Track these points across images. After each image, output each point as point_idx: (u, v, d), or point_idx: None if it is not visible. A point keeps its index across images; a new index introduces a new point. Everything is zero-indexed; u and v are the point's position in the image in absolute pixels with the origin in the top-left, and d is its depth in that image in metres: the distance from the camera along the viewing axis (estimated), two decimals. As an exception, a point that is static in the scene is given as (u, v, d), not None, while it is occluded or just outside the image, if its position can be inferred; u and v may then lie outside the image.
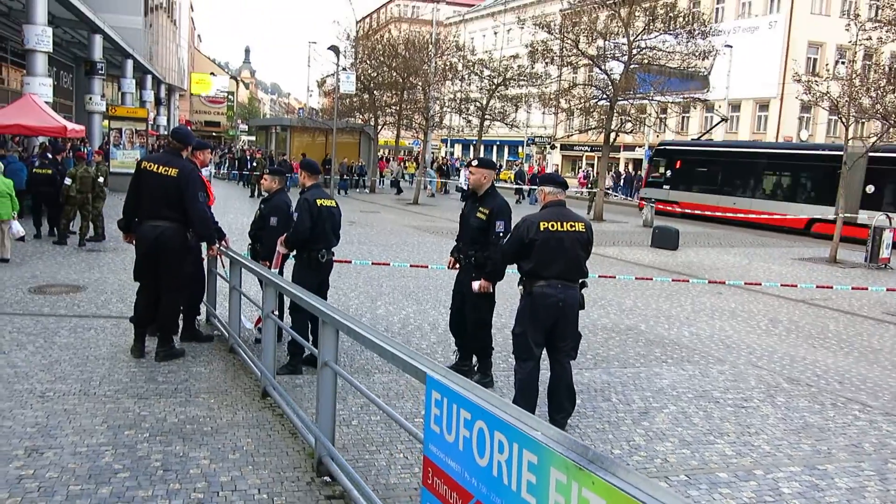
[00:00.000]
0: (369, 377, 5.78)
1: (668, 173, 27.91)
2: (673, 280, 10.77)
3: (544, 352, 4.90)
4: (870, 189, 21.35)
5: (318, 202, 5.81)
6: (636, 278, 10.62)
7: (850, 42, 17.19)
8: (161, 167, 5.77)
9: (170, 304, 5.95)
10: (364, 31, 42.18)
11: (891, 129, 16.25)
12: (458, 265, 5.97)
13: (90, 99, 28.08)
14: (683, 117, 40.22)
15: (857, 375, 6.81)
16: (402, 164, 39.31)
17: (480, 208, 5.57)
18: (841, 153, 20.04)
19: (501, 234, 5.39)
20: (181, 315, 6.35)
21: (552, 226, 4.71)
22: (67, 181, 11.87)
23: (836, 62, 31.28)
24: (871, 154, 18.48)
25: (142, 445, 4.16)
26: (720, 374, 6.48)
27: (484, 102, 30.53)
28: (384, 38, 34.69)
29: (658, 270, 12.86)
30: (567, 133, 38.64)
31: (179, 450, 4.14)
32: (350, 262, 10.68)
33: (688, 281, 10.83)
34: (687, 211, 24.95)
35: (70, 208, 11.99)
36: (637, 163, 44.14)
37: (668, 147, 29.32)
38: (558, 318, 4.73)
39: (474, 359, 5.98)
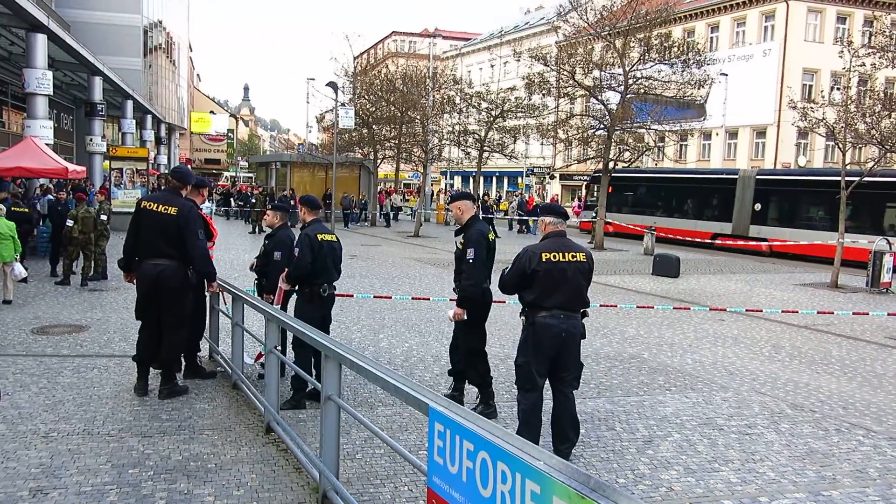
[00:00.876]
0: (373, 410, 5.78)
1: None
2: (675, 308, 10.78)
3: (547, 382, 4.91)
4: (757, 207, 24.94)
5: (319, 237, 5.87)
6: (638, 307, 10.63)
7: (844, 68, 17.44)
8: (161, 206, 5.85)
9: (172, 342, 5.97)
10: (362, 67, 42.86)
11: (888, 154, 16.41)
12: None
13: (91, 140, 28.43)
14: (681, 145, 40.58)
15: (860, 400, 6.79)
16: (403, 197, 39.57)
17: (459, 239, 5.77)
18: (735, 176, 26.20)
19: (472, 262, 5.54)
20: (183, 353, 6.38)
21: (554, 256, 4.76)
22: (70, 223, 11.99)
23: (832, 88, 31.66)
24: (757, 177, 24.89)
25: (146, 484, 4.16)
26: (724, 401, 6.47)
27: (482, 134, 30.87)
28: (382, 73, 35.27)
29: (660, 298, 12.87)
30: (566, 163, 39.00)
31: (184, 487, 4.13)
32: (352, 295, 10.72)
33: (689, 308, 10.84)
34: (618, 231, 28.69)
35: (73, 249, 12.09)
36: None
37: (599, 175, 30.56)
38: (561, 348, 4.76)
39: (467, 383, 6.01)
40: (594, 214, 27.17)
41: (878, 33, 16.93)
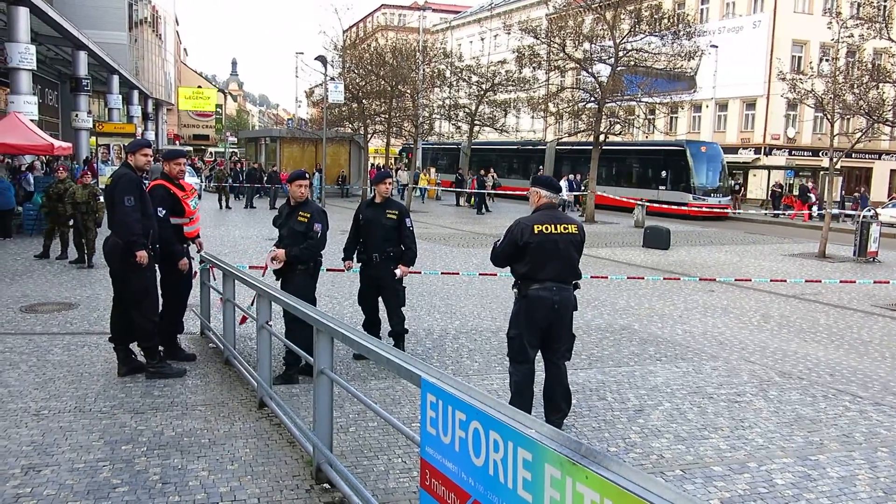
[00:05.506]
0: (366, 384, 5.81)
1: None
2: (664, 279, 10.84)
3: (539, 354, 4.94)
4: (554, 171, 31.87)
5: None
6: (628, 278, 10.68)
7: (832, 40, 17.37)
8: (110, 179, 5.80)
9: (136, 320, 5.73)
10: (351, 41, 42.23)
11: (875, 125, 16.43)
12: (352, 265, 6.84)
13: (76, 116, 28.02)
14: (672, 118, 40.46)
15: (847, 367, 6.88)
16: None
17: (389, 211, 6.56)
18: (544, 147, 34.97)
19: (412, 229, 6.64)
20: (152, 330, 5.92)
21: (546, 228, 4.74)
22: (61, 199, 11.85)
23: (821, 60, 31.58)
24: (556, 147, 34.00)
25: (140, 460, 4.17)
26: (713, 370, 6.54)
27: (473, 108, 30.63)
28: (371, 46, 34.78)
29: (650, 270, 12.93)
30: (557, 136, 38.89)
31: (178, 462, 4.15)
32: (344, 270, 10.69)
33: (679, 279, 10.90)
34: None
35: (55, 226, 11.99)
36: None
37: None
38: (553, 320, 4.77)
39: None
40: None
41: (865, 4, 16.82)
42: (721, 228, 23.06)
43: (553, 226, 4.77)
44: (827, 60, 24.55)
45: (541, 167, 34.85)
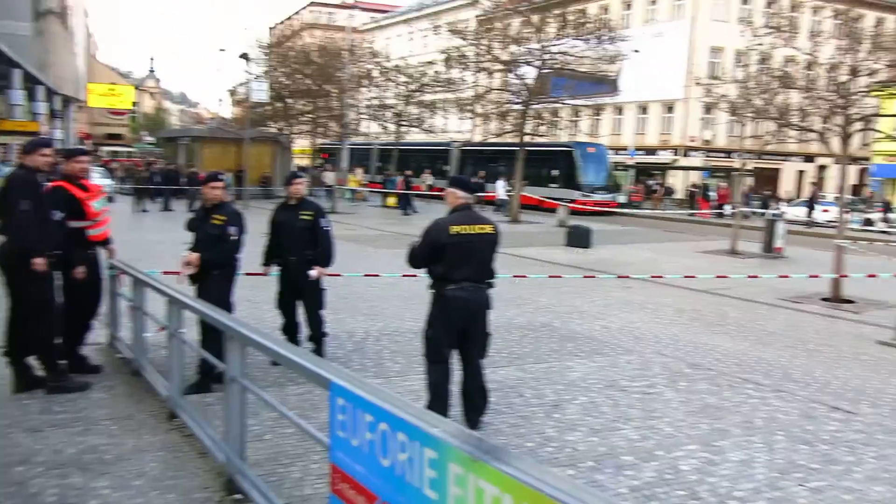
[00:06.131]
0: (283, 390, 5.69)
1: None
2: (584, 277, 11.15)
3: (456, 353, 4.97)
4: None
5: None
6: (549, 276, 10.93)
7: (746, 47, 18.27)
8: (4, 181, 5.45)
9: (34, 331, 5.36)
10: (277, 38, 41.43)
11: (783, 128, 17.38)
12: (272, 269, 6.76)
13: (-30, 113, 26.22)
14: (595, 120, 41.66)
15: (753, 357, 7.25)
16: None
17: (303, 212, 6.48)
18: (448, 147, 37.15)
19: (330, 230, 6.58)
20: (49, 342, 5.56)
21: (462, 229, 4.78)
22: None
23: (736, 66, 33.18)
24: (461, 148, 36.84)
25: (35, 481, 3.93)
26: (628, 363, 6.77)
27: (400, 108, 30.61)
28: (298, 45, 34.22)
29: (573, 269, 13.26)
30: (484, 137, 39.39)
31: (78, 482, 3.94)
32: (265, 274, 10.45)
33: (595, 277, 11.23)
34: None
35: None
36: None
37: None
38: (469, 320, 4.82)
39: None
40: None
41: (775, 14, 17.78)
42: (641, 227, 23.91)
43: (469, 226, 4.81)
44: (740, 67, 25.93)
45: (446, 167, 36.13)
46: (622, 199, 32.51)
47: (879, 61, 11.53)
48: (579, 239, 16.94)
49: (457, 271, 4.77)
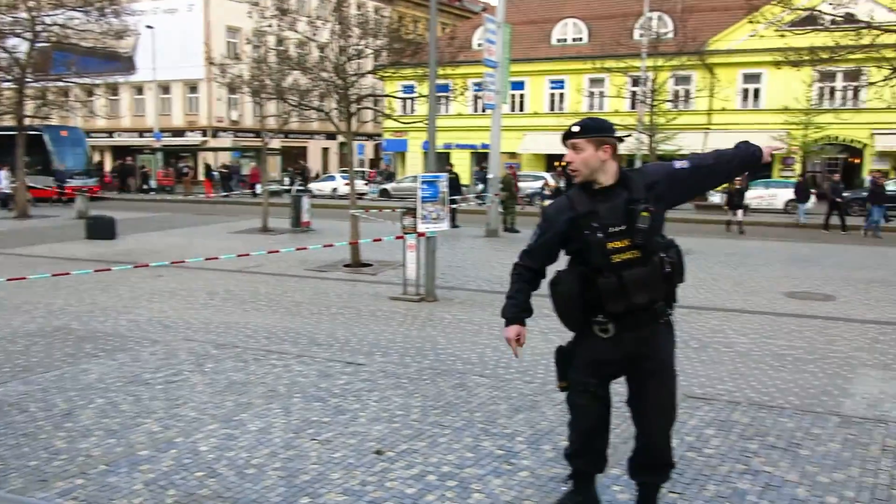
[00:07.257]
0: None
1: None
2: (95, 270, 10.21)
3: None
4: None
5: None
6: (53, 275, 9.68)
7: (254, 29, 18.86)
8: None
9: None
10: None
11: (296, 108, 18.69)
12: None
13: None
14: (112, 100, 38.15)
15: (282, 328, 7.70)
16: None
17: None
18: None
19: None
20: None
21: None
22: None
23: (252, 48, 34.19)
24: None
25: None
26: (152, 355, 6.51)
27: None
28: None
29: (94, 263, 12.03)
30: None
31: None
32: None
33: (110, 270, 10.43)
34: None
35: None
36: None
37: None
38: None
39: None
40: None
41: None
42: (171, 213, 23.16)
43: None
44: (256, 47, 26.89)
45: None
46: (153, 184, 30.88)
47: (368, 47, 13.25)
48: (102, 230, 15.52)
49: None
